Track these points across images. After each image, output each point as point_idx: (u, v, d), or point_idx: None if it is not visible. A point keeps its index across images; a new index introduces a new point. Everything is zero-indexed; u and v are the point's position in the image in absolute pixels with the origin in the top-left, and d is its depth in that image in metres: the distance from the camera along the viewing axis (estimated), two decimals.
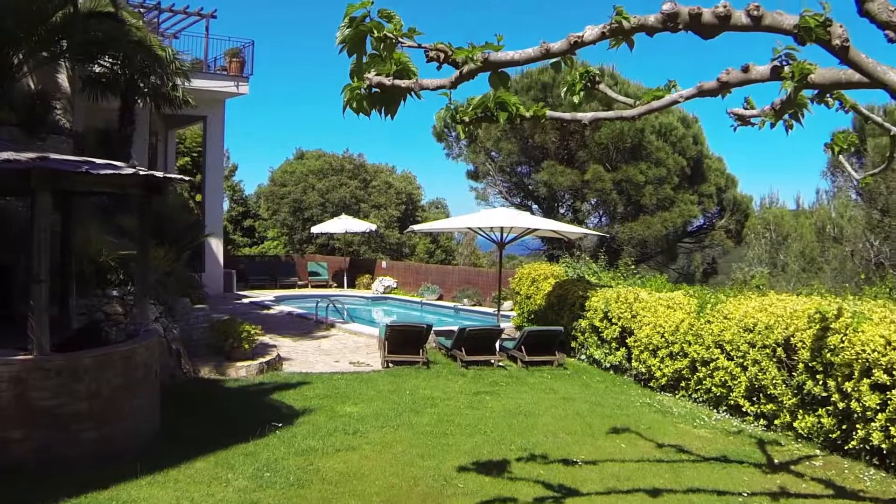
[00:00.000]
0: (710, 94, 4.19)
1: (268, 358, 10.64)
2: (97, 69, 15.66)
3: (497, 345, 12.04)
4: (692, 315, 10.31)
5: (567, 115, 4.56)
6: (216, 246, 20.83)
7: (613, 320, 11.83)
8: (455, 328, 13.43)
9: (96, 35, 13.56)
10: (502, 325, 13.64)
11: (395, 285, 22.40)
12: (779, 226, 21.09)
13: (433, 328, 12.41)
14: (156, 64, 15.00)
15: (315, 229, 23.97)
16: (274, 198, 29.62)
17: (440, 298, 20.66)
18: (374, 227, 24.21)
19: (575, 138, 19.39)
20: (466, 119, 4.31)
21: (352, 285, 23.56)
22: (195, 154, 25.64)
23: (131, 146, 15.61)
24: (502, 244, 12.70)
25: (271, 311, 17.47)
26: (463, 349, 11.58)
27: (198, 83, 19.36)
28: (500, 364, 11.85)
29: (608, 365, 12.11)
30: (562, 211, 21.25)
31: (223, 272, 21.07)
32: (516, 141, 20.25)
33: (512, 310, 16.75)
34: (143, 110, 17.34)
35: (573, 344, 12.97)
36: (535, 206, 21.68)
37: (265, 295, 20.70)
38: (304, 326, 15.16)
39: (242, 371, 10.08)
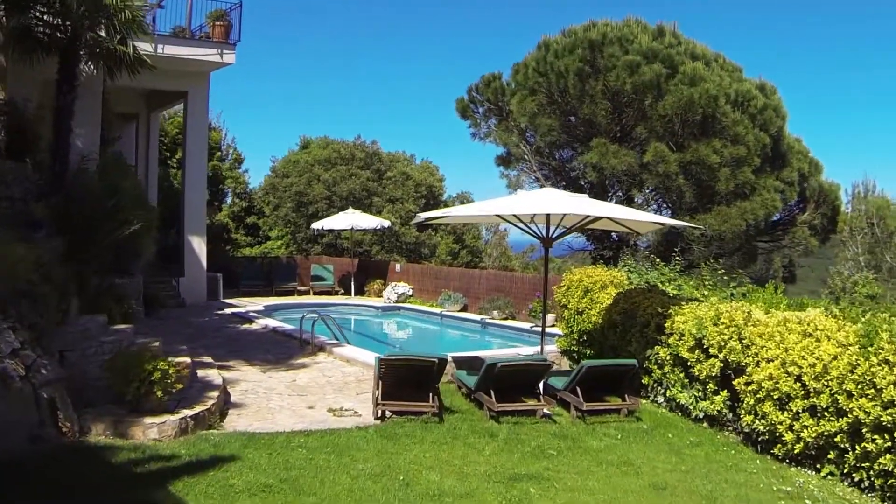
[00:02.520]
0: None
1: (198, 409, 7.10)
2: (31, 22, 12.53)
3: (541, 384, 8.39)
4: (853, 350, 6.56)
5: None
6: (198, 246, 17.61)
7: (711, 351, 8.10)
8: (482, 354, 9.84)
9: None
10: (545, 348, 9.92)
11: (410, 292, 18.82)
12: (883, 219, 16.96)
13: (449, 358, 8.81)
14: (97, 10, 11.76)
15: (315, 225, 20.45)
16: (276, 191, 26.11)
17: (464, 309, 17.04)
18: (386, 223, 20.62)
19: (631, 110, 15.56)
20: None
21: (360, 292, 20.05)
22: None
23: (72, 118, 12.27)
24: (549, 239, 8.95)
25: (251, 327, 14.03)
26: (493, 393, 7.93)
27: (176, 51, 16.42)
28: (547, 413, 8.19)
29: (700, 414, 8.39)
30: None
31: (206, 276, 17.84)
32: (556, 116, 16.45)
33: (554, 325, 13.06)
34: (96, 79, 14.11)
35: (645, 379, 9.31)
36: None
37: (255, 304, 17.36)
38: (283, 349, 11.66)
39: (153, 431, 6.57)
